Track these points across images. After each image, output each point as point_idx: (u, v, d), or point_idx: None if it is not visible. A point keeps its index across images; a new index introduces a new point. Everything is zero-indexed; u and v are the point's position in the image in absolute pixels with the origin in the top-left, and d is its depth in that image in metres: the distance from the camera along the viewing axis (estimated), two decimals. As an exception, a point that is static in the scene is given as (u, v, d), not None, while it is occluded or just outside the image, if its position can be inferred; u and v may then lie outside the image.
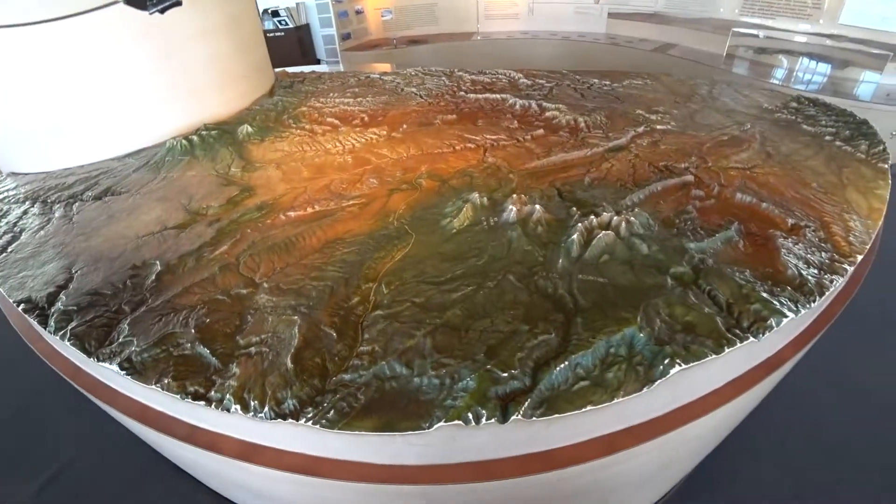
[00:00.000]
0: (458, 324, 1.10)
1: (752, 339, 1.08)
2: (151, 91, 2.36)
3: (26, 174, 2.45)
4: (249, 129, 2.21)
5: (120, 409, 1.43)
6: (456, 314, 1.12)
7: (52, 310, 1.42)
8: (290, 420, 0.99)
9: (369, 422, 0.96)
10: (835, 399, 2.39)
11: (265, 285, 1.29)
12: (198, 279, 1.37)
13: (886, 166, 1.95)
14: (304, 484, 1.17)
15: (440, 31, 7.94)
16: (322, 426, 0.96)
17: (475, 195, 1.49)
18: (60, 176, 2.34)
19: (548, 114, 2.47)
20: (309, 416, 0.98)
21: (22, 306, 1.47)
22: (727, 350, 1.04)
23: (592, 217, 1.42)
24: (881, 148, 2.09)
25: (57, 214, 1.96)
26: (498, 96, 2.73)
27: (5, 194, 2.29)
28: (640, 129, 2.24)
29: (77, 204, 2.00)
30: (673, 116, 2.43)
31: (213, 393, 1.07)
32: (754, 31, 5.45)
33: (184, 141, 2.16)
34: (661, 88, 2.97)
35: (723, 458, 1.98)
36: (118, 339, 1.26)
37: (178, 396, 1.08)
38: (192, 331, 1.21)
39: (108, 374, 1.31)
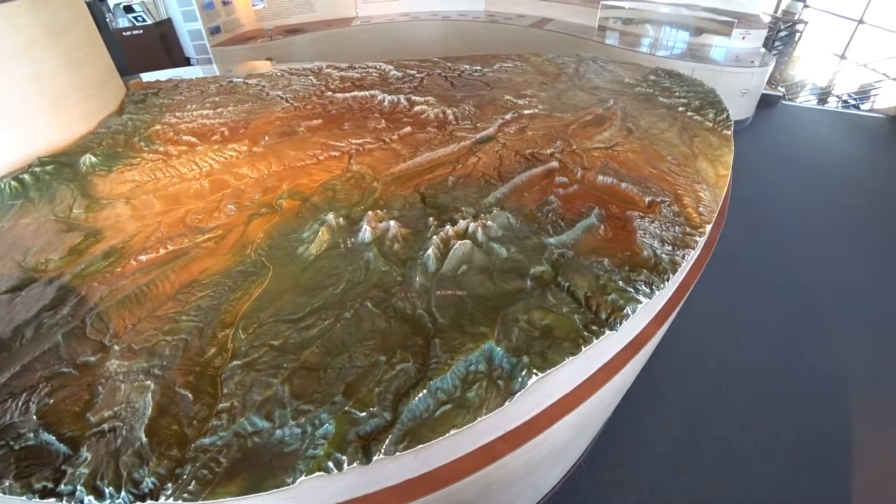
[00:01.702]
0: (316, 363, 1.03)
1: (608, 332, 1.10)
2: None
3: None
4: (93, 158, 1.89)
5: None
6: (314, 353, 1.05)
7: None
8: (150, 501, 0.88)
9: (234, 486, 0.88)
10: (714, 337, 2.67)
11: (116, 348, 1.13)
12: (38, 352, 1.17)
13: (730, 133, 2.10)
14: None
15: (318, 19, 7.36)
16: (185, 500, 0.87)
17: (330, 216, 1.39)
18: None
19: (417, 108, 2.38)
20: (168, 492, 0.88)
21: None
22: (585, 348, 1.06)
23: (448, 227, 1.37)
24: (725, 115, 2.25)
25: None
26: (367, 93, 2.58)
27: None
28: (508, 116, 2.22)
29: None
30: (540, 99, 2.44)
31: (63, 486, 0.92)
32: (621, 3, 5.64)
33: (13, 182, 1.79)
34: (530, 70, 2.96)
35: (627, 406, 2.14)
36: (-53, 439, 1.05)
37: (24, 498, 0.93)
38: (34, 417, 1.03)
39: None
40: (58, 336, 1.20)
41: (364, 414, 0.94)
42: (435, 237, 1.34)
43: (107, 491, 0.90)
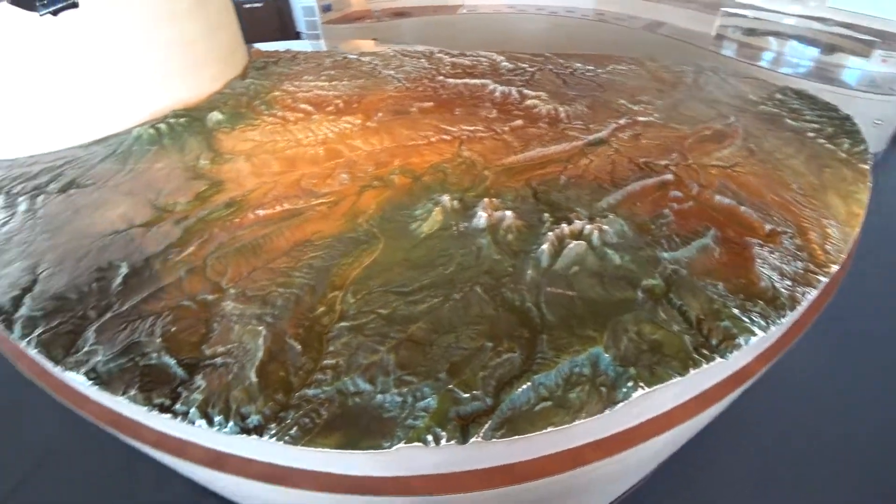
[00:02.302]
0: (422, 338, 1.08)
1: (719, 359, 1.08)
2: (118, 76, 2.24)
3: (-11, 162, 2.34)
4: (220, 116, 2.12)
5: (89, 413, 1.41)
6: (421, 328, 1.11)
7: (17, 315, 1.37)
8: (254, 435, 0.98)
9: (331, 439, 0.95)
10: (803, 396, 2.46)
11: (231, 291, 1.26)
12: (164, 283, 1.33)
13: (867, 167, 1.93)
14: (272, 490, 1.17)
15: (425, 4, 7.64)
16: (285, 443, 0.96)
17: (445, 198, 1.46)
18: (25, 164, 2.23)
19: (528, 102, 2.41)
20: (272, 432, 0.97)
21: (-15, 311, 1.42)
22: (693, 371, 1.04)
23: (564, 225, 1.39)
24: (863, 147, 2.07)
25: (21, 208, 1.88)
26: (478, 82, 2.65)
27: (-34, 184, 2.18)
28: (622, 121, 2.19)
29: (41, 197, 1.92)
30: (656, 107, 2.38)
31: (178, 406, 1.05)
32: (744, 12, 5.34)
33: (151, 129, 2.06)
34: (645, 75, 2.90)
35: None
36: (84, 347, 1.23)
37: (147, 408, 1.06)
38: (158, 340, 1.18)
39: (72, 379, 1.28)
40: (181, 272, 1.36)
41: (467, 395, 0.98)
42: (550, 234, 1.36)
43: (216, 419, 1.01)
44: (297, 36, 7.47)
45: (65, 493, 1.95)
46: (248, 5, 7.47)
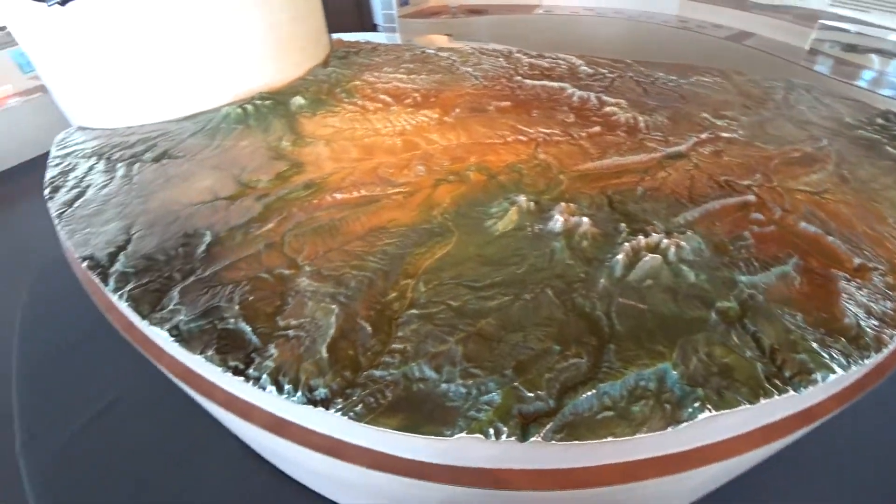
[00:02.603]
0: (490, 334, 1.11)
1: (791, 392, 1.04)
2: (210, 57, 2.42)
3: (93, 129, 2.58)
4: (302, 101, 2.25)
5: (166, 367, 1.54)
6: (490, 323, 1.13)
7: (112, 270, 1.52)
8: (321, 408, 1.04)
9: (394, 420, 0.99)
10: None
11: (307, 268, 1.34)
12: (244, 255, 1.44)
13: None
14: (323, 461, 1.23)
15: (502, 2, 7.68)
16: (350, 418, 1.01)
17: (522, 198, 1.48)
18: (123, 134, 2.45)
19: (607, 109, 2.39)
20: (338, 406, 1.02)
21: (86, 263, 1.58)
22: (762, 401, 1.02)
23: (641, 237, 1.38)
24: None
25: (119, 174, 2.07)
26: (556, 84, 2.65)
27: (74, 148, 2.43)
28: (704, 136, 2.13)
29: (137, 165, 2.10)
30: (741, 124, 2.30)
31: (251, 370, 1.13)
32: (844, 26, 5.01)
33: (238, 109, 2.22)
34: (731, 89, 2.80)
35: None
36: (169, 305, 1.34)
37: (222, 369, 1.15)
38: (236, 307, 1.28)
39: (155, 334, 1.40)
40: (260, 245, 1.46)
41: (531, 395, 1.00)
42: (626, 244, 1.35)
43: (286, 387, 1.08)
44: (373, 28, 7.75)
45: (127, 436, 2.13)
46: (330, -4, 7.81)
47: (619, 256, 1.32)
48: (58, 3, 2.12)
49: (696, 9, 6.41)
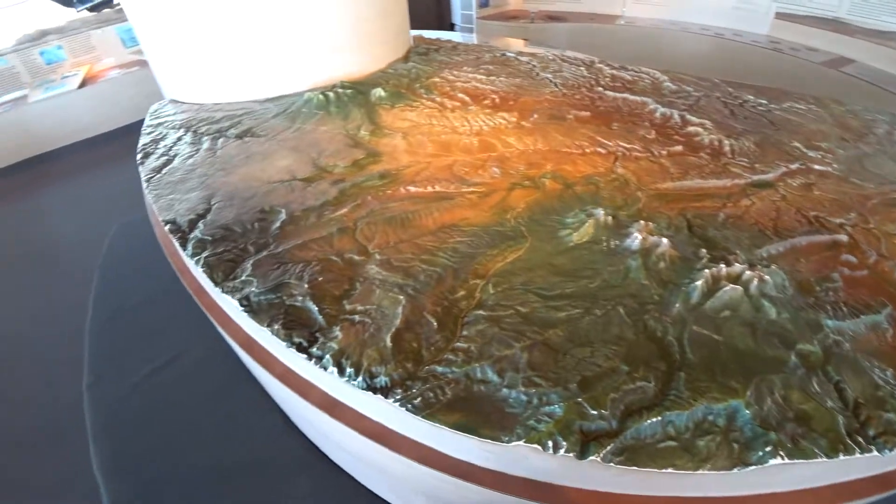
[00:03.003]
0: (557, 345, 1.09)
1: (875, 452, 0.96)
2: (298, 43, 2.53)
3: (184, 103, 2.74)
4: (382, 93, 2.30)
5: (229, 333, 1.61)
6: (557, 334, 1.11)
7: (192, 235, 1.60)
8: (380, 395, 1.05)
9: (451, 418, 0.99)
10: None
11: (377, 256, 1.36)
12: (316, 236, 1.48)
13: None
14: (373, 449, 1.24)
15: (582, 11, 7.57)
16: (408, 410, 1.01)
17: (600, 212, 1.45)
18: (211, 110, 2.58)
19: (690, 128, 2.30)
20: (398, 396, 1.03)
21: (168, 226, 1.68)
22: (841, 457, 0.94)
23: (722, 265, 1.32)
24: None
25: (204, 146, 2.19)
26: (638, 98, 2.58)
27: (165, 119, 2.58)
28: (794, 166, 2.01)
29: (221, 139, 2.21)
30: (837, 157, 2.15)
31: (314, 349, 1.16)
32: None
33: (321, 95, 2.29)
34: (827, 118, 2.63)
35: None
36: (241, 276, 1.40)
37: (285, 344, 1.19)
38: (305, 285, 1.31)
39: (224, 301, 1.46)
40: (333, 229, 1.49)
41: (595, 413, 0.97)
42: (706, 271, 1.29)
43: (348, 370, 1.09)
44: (451, 27, 7.82)
45: (180, 391, 2.27)
46: (411, -7, 7.96)
47: (698, 283, 1.26)
48: (86, 8, 2.29)
49: (790, 29, 6.05)
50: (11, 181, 5.63)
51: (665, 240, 1.37)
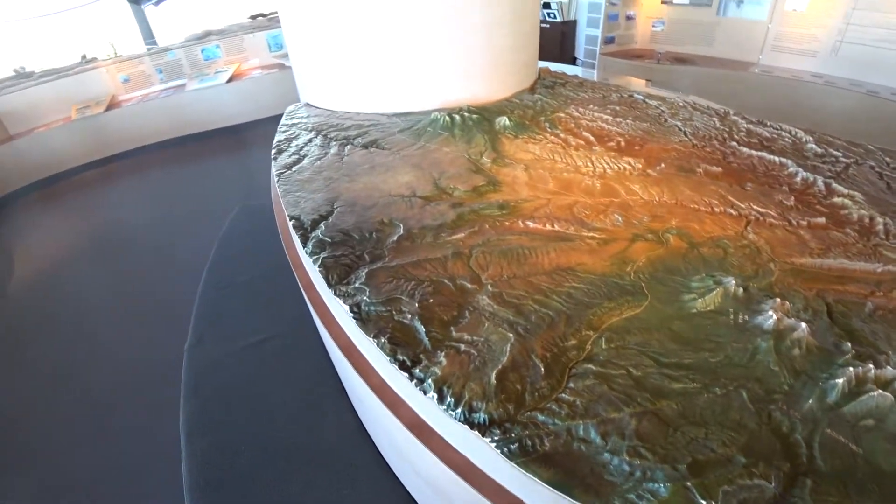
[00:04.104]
0: (669, 418, 1.02)
1: None
2: (431, 65, 2.65)
3: (317, 108, 2.95)
4: (507, 122, 2.33)
5: (331, 334, 1.68)
6: (671, 406, 1.05)
7: (313, 234, 1.71)
8: (476, 432, 1.04)
9: (546, 472, 0.96)
10: None
11: (489, 288, 1.37)
12: (431, 256, 1.52)
13: None
14: (454, 482, 1.24)
15: (713, 55, 7.19)
16: (503, 454, 1.00)
17: (731, 281, 1.35)
18: (341, 117, 2.76)
19: (836, 199, 2.09)
20: (495, 437, 1.02)
21: (292, 222, 1.80)
22: None
23: (870, 365, 1.17)
24: None
25: (332, 150, 2.33)
26: (776, 159, 2.40)
27: (299, 121, 2.79)
28: (967, 261, 1.76)
29: (349, 147, 2.35)
30: None
31: (417, 370, 1.18)
32: None
33: (447, 117, 2.37)
34: None
35: None
36: (354, 282, 1.46)
37: (389, 359, 1.22)
38: (416, 304, 1.35)
39: (334, 304, 1.54)
40: (448, 251, 1.52)
41: (703, 502, 0.90)
42: (850, 368, 1.16)
43: (448, 399, 1.10)
44: (573, 61, 7.81)
45: (267, 371, 2.45)
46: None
47: (839, 381, 1.13)
48: (153, 3, 2.50)
49: None
50: (166, 153, 6.79)
51: (804, 324, 1.25)
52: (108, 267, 4.19)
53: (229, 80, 6.96)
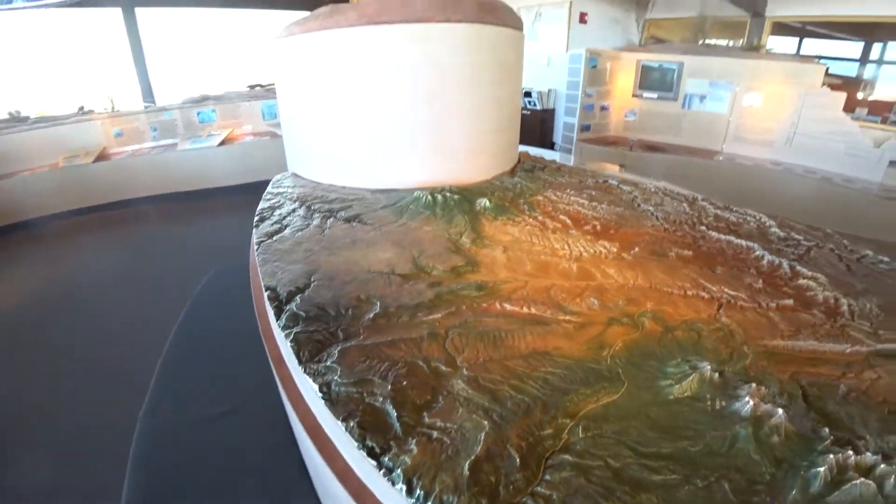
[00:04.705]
0: (652, 515, 0.98)
1: None
2: (416, 146, 2.77)
3: (303, 178, 3.01)
4: (487, 203, 2.40)
5: (297, 413, 1.61)
6: (651, 501, 1.00)
7: (287, 307, 1.67)
8: (449, 529, 0.98)
9: (525, 578, 0.89)
10: None
11: (465, 371, 1.34)
12: (407, 336, 1.49)
13: None
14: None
15: (681, 143, 7.71)
16: (476, 554, 0.93)
17: (706, 366, 1.35)
18: (326, 189, 2.81)
19: (801, 281, 2.15)
20: (467, 536, 0.95)
21: (268, 292, 1.77)
22: None
23: (850, 452, 1.15)
24: None
25: (315, 222, 2.35)
26: (743, 243, 2.49)
27: (284, 190, 2.83)
28: (931, 338, 1.80)
29: (331, 220, 2.37)
30: None
31: (386, 458, 1.12)
32: None
33: (429, 196, 2.43)
34: (968, 282, 2.36)
35: None
36: (326, 360, 1.42)
37: (357, 444, 1.16)
38: (389, 387, 1.30)
39: (303, 381, 1.48)
40: (424, 332, 1.50)
41: None
42: (830, 456, 1.14)
43: (417, 492, 1.04)
44: (551, 146, 8.25)
45: (224, 445, 2.30)
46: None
47: (821, 469, 1.10)
48: None
49: None
50: (149, 209, 6.91)
51: (781, 410, 1.24)
52: (69, 320, 4.07)
53: (221, 143, 7.14)
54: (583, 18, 9.26)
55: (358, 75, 2.64)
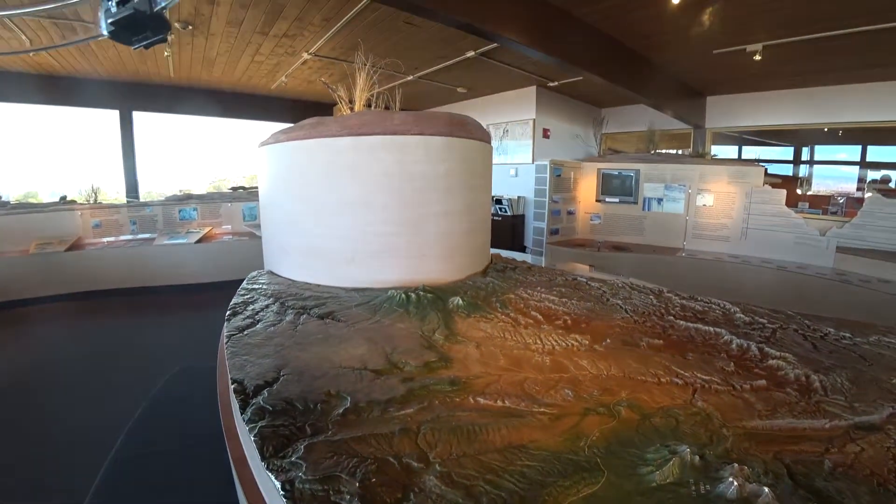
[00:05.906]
0: None
1: None
2: (390, 247, 2.86)
3: (279, 276, 3.02)
4: (460, 301, 2.44)
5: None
6: None
7: (254, 401, 1.61)
8: None
9: None
10: None
11: (437, 467, 1.27)
12: (377, 431, 1.43)
13: None
14: None
15: (645, 243, 8.20)
16: None
17: (685, 450, 1.32)
18: (301, 287, 2.82)
19: (771, 362, 2.17)
20: None
21: (234, 385, 1.71)
22: None
23: (847, 535, 1.11)
24: None
25: (288, 318, 2.33)
26: (710, 329, 2.54)
27: (259, 286, 2.83)
28: (902, 407, 1.79)
29: (304, 316, 2.36)
30: None
31: (353, 567, 1.02)
32: None
33: (403, 294, 2.47)
34: (926, 353, 2.41)
35: None
36: (291, 456, 1.34)
37: (322, 551, 1.06)
38: (357, 485, 1.22)
39: (265, 480, 1.37)
40: (395, 428, 1.45)
41: None
42: (825, 540, 1.09)
43: None
44: (522, 249, 8.57)
45: None
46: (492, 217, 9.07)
47: (819, 558, 1.05)
48: (142, 46, 2.72)
49: (856, 263, 6.07)
50: (118, 302, 6.73)
51: (767, 489, 1.20)
52: (17, 411, 3.72)
53: (198, 241, 7.16)
54: (546, 134, 10.14)
55: (337, 180, 2.79)
